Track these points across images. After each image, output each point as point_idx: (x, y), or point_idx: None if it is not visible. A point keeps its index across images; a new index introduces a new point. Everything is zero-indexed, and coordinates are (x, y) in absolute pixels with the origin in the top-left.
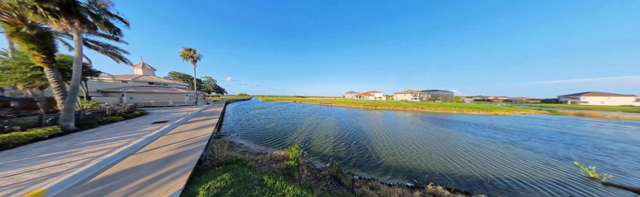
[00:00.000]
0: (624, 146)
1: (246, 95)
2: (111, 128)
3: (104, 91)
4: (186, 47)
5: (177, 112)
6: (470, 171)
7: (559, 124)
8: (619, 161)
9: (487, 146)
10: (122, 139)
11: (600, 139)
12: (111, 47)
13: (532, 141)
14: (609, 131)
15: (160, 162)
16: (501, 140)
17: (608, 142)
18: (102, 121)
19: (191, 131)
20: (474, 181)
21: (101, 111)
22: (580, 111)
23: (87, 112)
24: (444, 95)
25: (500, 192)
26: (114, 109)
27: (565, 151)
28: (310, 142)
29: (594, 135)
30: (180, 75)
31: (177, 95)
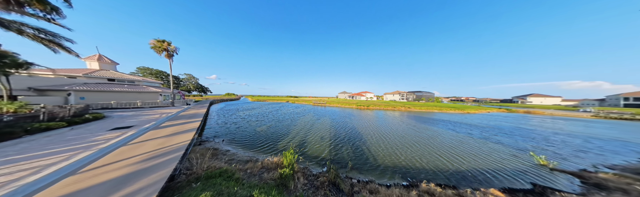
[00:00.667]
0: (562, 137)
1: (234, 95)
2: (45, 138)
3: (39, 89)
4: (158, 39)
5: (148, 115)
6: (458, 165)
7: (515, 120)
8: (562, 149)
9: (468, 141)
10: (61, 152)
11: (546, 132)
12: (45, 32)
13: (500, 136)
14: (549, 125)
15: (115, 183)
16: (477, 136)
17: (551, 134)
18: (32, 128)
19: (164, 138)
20: (462, 175)
21: (32, 115)
22: (527, 109)
23: (6, 117)
24: (426, 96)
25: (480, 183)
26: (54, 112)
27: (524, 143)
28: (306, 145)
29: (541, 129)
30: (153, 72)
31: (148, 95)
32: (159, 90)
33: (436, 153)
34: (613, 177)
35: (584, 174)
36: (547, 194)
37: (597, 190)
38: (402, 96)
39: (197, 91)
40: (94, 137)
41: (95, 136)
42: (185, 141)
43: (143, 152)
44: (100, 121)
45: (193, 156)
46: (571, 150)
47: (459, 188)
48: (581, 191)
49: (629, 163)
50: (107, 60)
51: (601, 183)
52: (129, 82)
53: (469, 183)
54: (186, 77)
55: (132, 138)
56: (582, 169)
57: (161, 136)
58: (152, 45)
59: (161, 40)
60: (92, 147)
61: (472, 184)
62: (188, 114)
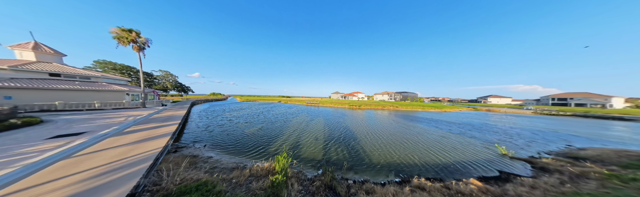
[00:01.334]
0: (517, 130)
1: (220, 95)
2: None
3: None
4: (122, 27)
5: (109, 118)
6: (444, 159)
7: (482, 117)
8: (517, 141)
9: (450, 136)
10: None
11: (505, 127)
12: None
13: (473, 131)
14: (506, 121)
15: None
16: (456, 132)
17: (509, 128)
18: None
19: (128, 146)
20: (447, 167)
21: None
22: (488, 107)
23: None
24: (411, 96)
25: (462, 174)
26: None
27: (490, 136)
28: (300, 147)
29: (501, 124)
30: (117, 67)
31: (110, 94)
32: (125, 88)
33: (425, 149)
34: (552, 161)
35: (532, 160)
36: (511, 179)
37: (543, 172)
38: (391, 96)
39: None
40: (20, 148)
41: (22, 148)
42: (155, 148)
43: (94, 166)
44: (34, 127)
45: (164, 166)
46: (524, 141)
47: (444, 180)
48: (532, 174)
49: (560, 149)
50: (47, 50)
51: (545, 166)
52: (81, 78)
53: (453, 174)
54: (162, 75)
55: (81, 148)
56: (531, 156)
57: (123, 143)
58: (115, 35)
59: (127, 29)
60: (14, 164)
61: (455, 175)
62: (163, 116)
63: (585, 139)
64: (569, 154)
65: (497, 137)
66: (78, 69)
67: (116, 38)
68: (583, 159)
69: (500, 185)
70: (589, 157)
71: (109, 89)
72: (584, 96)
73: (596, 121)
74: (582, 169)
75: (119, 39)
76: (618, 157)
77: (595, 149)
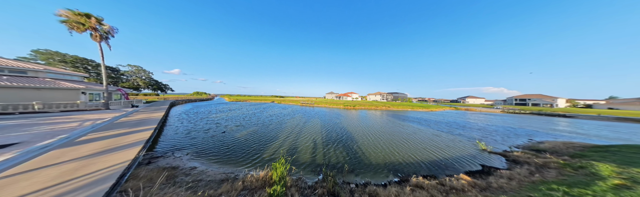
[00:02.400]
0: (493, 128)
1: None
2: None
3: None
4: (76, 10)
5: (55, 124)
6: (438, 156)
7: (464, 116)
8: (494, 136)
9: (442, 135)
10: None
11: (484, 124)
12: None
13: (459, 129)
14: (483, 119)
15: None
16: (445, 130)
17: (487, 125)
18: None
19: (81, 160)
20: (440, 164)
21: None
22: (466, 107)
23: None
24: (402, 97)
25: (455, 170)
26: None
27: (472, 133)
28: (297, 151)
29: (480, 122)
30: (67, 59)
31: (57, 93)
32: (81, 86)
33: (422, 147)
34: (520, 154)
35: (506, 153)
36: (491, 172)
37: (515, 164)
38: (383, 97)
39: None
40: None
41: None
42: (120, 162)
43: (24, 193)
44: None
45: (132, 185)
46: (499, 136)
47: (438, 177)
48: (507, 166)
49: (525, 143)
50: None
51: (516, 159)
52: (13, 72)
53: (444, 170)
54: (132, 70)
55: (7, 166)
56: (505, 150)
57: (74, 157)
58: (64, 18)
59: (83, 13)
60: None
61: (446, 170)
62: (133, 120)
63: (542, 134)
64: (532, 147)
65: (478, 134)
66: (7, 60)
67: (66, 23)
68: (543, 151)
69: (484, 178)
70: (547, 149)
71: (54, 86)
72: (538, 97)
73: (547, 118)
74: (544, 160)
75: (71, 25)
76: (567, 149)
77: (550, 142)
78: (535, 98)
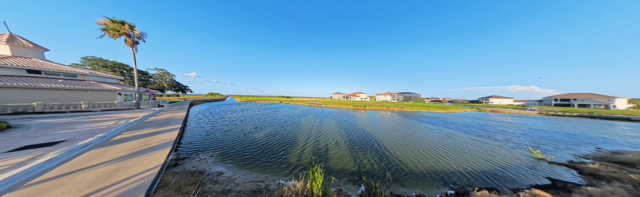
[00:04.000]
0: (542, 133)
1: (218, 95)
2: None
3: None
4: (113, 18)
5: (96, 122)
6: (486, 165)
7: (493, 118)
8: (548, 143)
9: (481, 140)
10: None
11: (527, 129)
12: None
13: (499, 135)
14: (522, 122)
15: None
16: (483, 135)
17: (531, 130)
18: None
19: (113, 163)
20: (494, 175)
21: None
22: (491, 108)
23: None
24: (414, 97)
25: (513, 182)
26: None
27: (518, 139)
28: (323, 154)
29: (522, 126)
30: (107, 64)
31: (99, 94)
32: (118, 87)
33: (464, 154)
34: (600, 166)
35: (574, 165)
36: (569, 188)
37: (597, 180)
38: (393, 97)
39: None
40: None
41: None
42: (150, 168)
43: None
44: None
45: (164, 196)
46: (554, 143)
47: (501, 191)
48: (586, 182)
49: (594, 152)
50: (25, 44)
51: (595, 173)
52: (66, 76)
53: (504, 183)
54: (158, 73)
55: (49, 167)
56: (570, 161)
57: (108, 159)
58: (104, 27)
59: (119, 20)
60: None
61: (507, 183)
62: (160, 119)
63: (612, 141)
64: (610, 159)
65: (526, 140)
66: (62, 66)
67: (106, 30)
68: (630, 164)
69: (564, 195)
70: (635, 162)
71: (98, 88)
72: (587, 97)
73: (604, 122)
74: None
75: (110, 32)
76: None
77: (633, 152)
78: (583, 98)
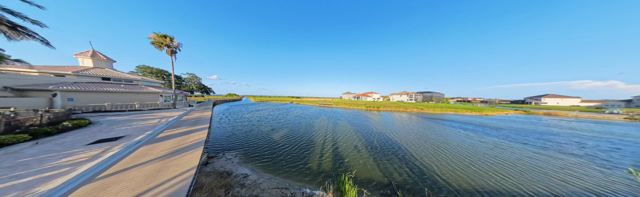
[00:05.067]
0: None
1: (235, 96)
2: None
3: (18, 89)
4: (159, 33)
5: (145, 120)
6: (564, 187)
7: (553, 124)
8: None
9: (552, 154)
10: None
11: (618, 140)
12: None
13: (571, 147)
14: (600, 129)
15: None
16: (550, 148)
17: (629, 143)
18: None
19: (157, 161)
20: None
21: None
22: (545, 110)
23: None
24: (437, 97)
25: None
26: (16, 119)
27: (608, 155)
28: (344, 160)
29: (611, 137)
30: (153, 71)
31: (147, 96)
32: (160, 90)
33: (530, 171)
34: None
35: None
36: None
37: None
38: (410, 97)
39: (199, 92)
40: (58, 159)
41: (60, 157)
42: (188, 170)
43: (120, 189)
44: (82, 130)
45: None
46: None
47: None
48: None
49: None
50: (101, 57)
51: None
52: (126, 81)
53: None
54: (189, 77)
55: (111, 163)
56: None
57: (153, 158)
58: (152, 40)
59: (162, 34)
60: (33, 187)
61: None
62: (192, 118)
63: None
64: None
65: (616, 157)
66: (124, 73)
67: (153, 43)
68: None
69: None
70: None
71: (146, 91)
72: None
73: None
74: None
75: (156, 44)
76: None
77: None
78: None
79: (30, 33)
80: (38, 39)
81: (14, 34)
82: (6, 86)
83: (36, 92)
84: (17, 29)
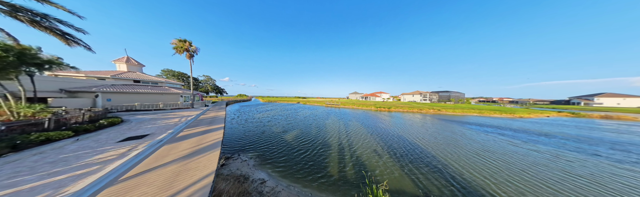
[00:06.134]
0: None
1: (245, 96)
2: (34, 156)
3: (70, 91)
4: (180, 38)
5: (167, 119)
6: None
7: (614, 129)
8: None
9: (629, 167)
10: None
11: None
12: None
13: None
14: None
15: None
16: (623, 160)
17: None
18: (23, 141)
19: (178, 163)
20: None
21: (35, 123)
22: (603, 113)
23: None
24: (456, 97)
25: None
26: (64, 117)
27: None
28: (367, 168)
29: None
30: (175, 74)
31: (170, 96)
32: (180, 91)
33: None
34: None
35: None
36: None
37: None
38: (424, 97)
39: (214, 92)
40: (92, 155)
41: (94, 154)
42: (206, 175)
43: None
44: (115, 127)
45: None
46: None
47: None
48: None
49: None
50: (134, 62)
51: None
52: (152, 83)
53: None
54: (204, 79)
55: (136, 161)
56: None
57: (173, 159)
58: (174, 45)
59: (183, 40)
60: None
61: None
62: (208, 117)
63: None
64: None
65: None
66: (151, 76)
67: (175, 48)
68: None
69: None
70: None
71: (169, 92)
72: None
73: None
74: None
75: (177, 49)
76: None
77: None
78: None
79: (77, 40)
80: (82, 45)
81: (63, 41)
82: (61, 88)
83: (83, 93)
84: (65, 36)
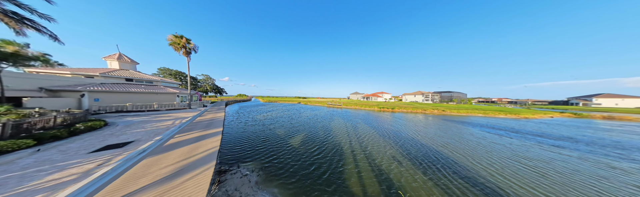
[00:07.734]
0: None
1: (245, 96)
2: None
3: (52, 90)
4: (176, 34)
5: (160, 121)
6: None
7: (622, 129)
8: None
9: None
10: None
11: None
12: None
13: None
14: None
15: None
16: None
17: None
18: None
19: (156, 188)
20: None
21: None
22: (604, 113)
23: None
24: (458, 97)
25: None
26: (26, 122)
27: None
28: (391, 182)
29: None
30: (172, 72)
31: (166, 96)
32: (177, 91)
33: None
34: None
35: None
36: None
37: None
38: (427, 97)
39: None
40: (47, 174)
41: (52, 172)
42: (199, 188)
43: None
44: (94, 133)
45: None
46: None
47: None
48: None
49: None
50: (126, 60)
51: None
52: (147, 82)
53: None
54: (203, 78)
55: (98, 186)
56: None
57: (152, 181)
58: (170, 41)
59: (179, 35)
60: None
61: None
62: (205, 120)
63: None
64: None
65: None
66: (145, 75)
67: (171, 45)
68: None
69: None
70: None
71: (164, 91)
72: None
73: None
74: None
75: (173, 45)
76: None
77: None
78: None
79: (38, 26)
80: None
81: (18, 26)
82: (41, 87)
83: (66, 92)
84: (23, 21)
